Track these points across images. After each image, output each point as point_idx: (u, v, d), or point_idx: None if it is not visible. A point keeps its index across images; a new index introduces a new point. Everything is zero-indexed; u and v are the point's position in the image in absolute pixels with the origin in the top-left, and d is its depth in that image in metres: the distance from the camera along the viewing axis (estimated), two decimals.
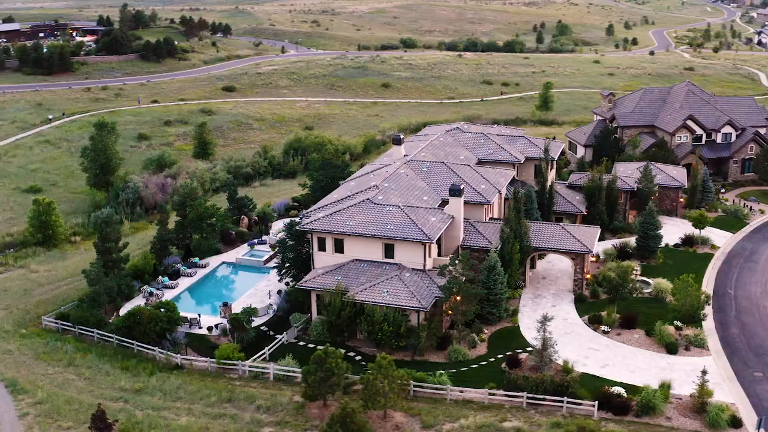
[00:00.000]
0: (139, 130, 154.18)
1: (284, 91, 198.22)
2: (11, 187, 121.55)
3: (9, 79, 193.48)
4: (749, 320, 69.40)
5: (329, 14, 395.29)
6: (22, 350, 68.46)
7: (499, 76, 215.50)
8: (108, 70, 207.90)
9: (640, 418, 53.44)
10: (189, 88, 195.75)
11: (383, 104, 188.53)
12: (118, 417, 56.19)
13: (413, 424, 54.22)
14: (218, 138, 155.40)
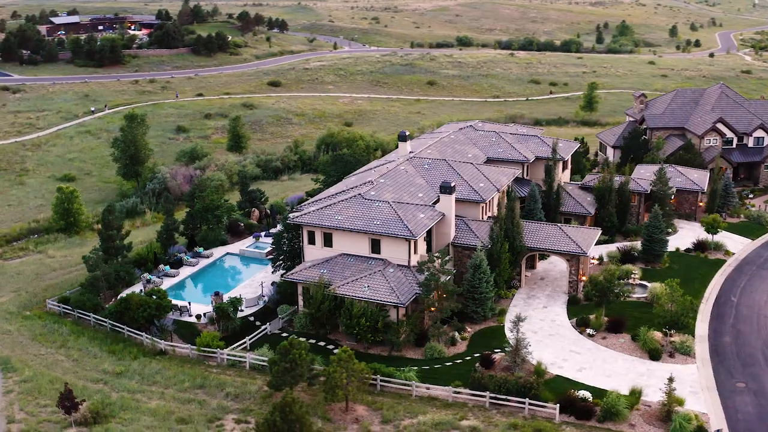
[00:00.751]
0: (178, 123, 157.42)
1: (329, 87, 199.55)
2: (46, 175, 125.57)
3: (61, 71, 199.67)
4: (745, 329, 67.23)
5: (391, 11, 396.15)
6: (21, 331, 70.75)
7: (549, 75, 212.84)
8: (158, 64, 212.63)
9: (602, 424, 52.34)
10: (235, 83, 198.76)
11: (426, 102, 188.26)
12: (95, 398, 57.84)
13: (374, 417, 54.26)
14: (256, 132, 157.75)
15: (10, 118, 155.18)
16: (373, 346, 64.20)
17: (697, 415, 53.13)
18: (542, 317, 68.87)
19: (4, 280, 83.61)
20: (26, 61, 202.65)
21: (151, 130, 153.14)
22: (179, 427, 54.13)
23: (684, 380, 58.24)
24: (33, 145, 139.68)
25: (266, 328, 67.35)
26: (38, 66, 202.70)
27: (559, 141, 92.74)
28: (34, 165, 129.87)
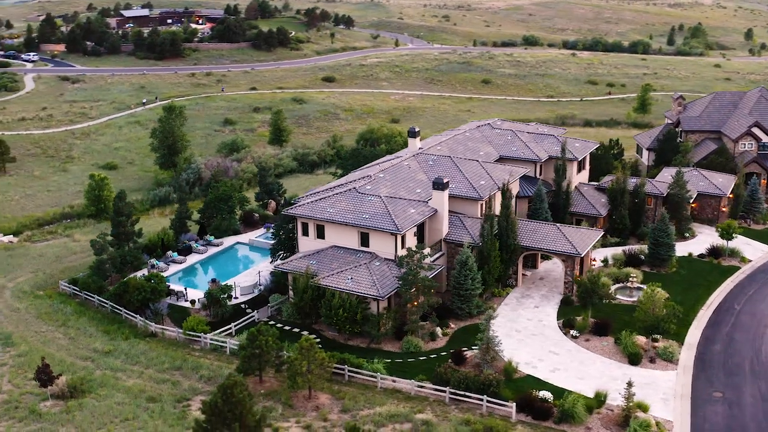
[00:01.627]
0: (227, 115, 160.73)
1: (383, 83, 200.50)
2: (90, 163, 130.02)
3: (122, 62, 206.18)
4: (740, 337, 65.23)
5: (463, 9, 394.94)
6: (28, 309, 73.88)
7: (608, 76, 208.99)
8: (218, 57, 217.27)
9: (558, 425, 51.75)
10: (290, 77, 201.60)
11: (479, 100, 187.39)
12: (78, 374, 60.28)
13: (335, 406, 54.90)
14: (301, 126, 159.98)
15: (66, 107, 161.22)
16: (353, 337, 64.79)
17: (660, 423, 52.08)
18: (531, 317, 68.26)
19: (26, 261, 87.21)
20: (90, 53, 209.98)
21: (199, 122, 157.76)
22: (148, 405, 55.91)
23: (659, 386, 57.11)
24: (82, 133, 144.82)
25: (254, 316, 68.64)
26: (101, 57, 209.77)
27: (576, 141, 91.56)
28: (80, 153, 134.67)
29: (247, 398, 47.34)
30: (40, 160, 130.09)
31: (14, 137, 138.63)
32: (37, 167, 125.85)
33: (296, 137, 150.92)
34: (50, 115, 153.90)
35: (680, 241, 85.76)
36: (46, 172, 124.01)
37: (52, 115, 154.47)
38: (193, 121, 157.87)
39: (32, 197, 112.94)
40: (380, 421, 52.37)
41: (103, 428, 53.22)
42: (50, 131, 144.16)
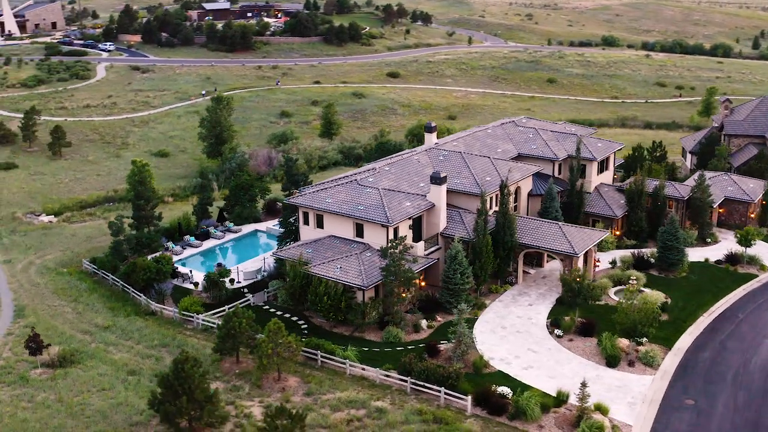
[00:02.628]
0: (284, 108, 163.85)
1: (447, 80, 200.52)
2: (144, 150, 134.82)
3: (194, 53, 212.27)
4: (734, 346, 63.40)
5: (549, 8, 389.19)
6: (47, 284, 77.83)
7: (678, 79, 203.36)
8: (288, 51, 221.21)
9: (511, 421, 51.65)
10: (356, 72, 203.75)
11: (540, 99, 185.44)
12: (72, 345, 63.52)
13: (300, 389, 56.24)
14: (357, 120, 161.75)
15: (131, 95, 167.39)
16: (338, 324, 65.95)
17: (617, 426, 51.46)
18: (521, 314, 67.94)
19: (59, 240, 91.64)
20: (164, 44, 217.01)
21: (256, 113, 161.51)
22: (127, 378, 58.56)
23: (630, 390, 56.25)
24: (141, 121, 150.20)
25: (250, 300, 70.59)
26: (174, 48, 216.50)
27: (599, 141, 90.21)
28: (136, 140, 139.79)
29: (197, 374, 49.22)
30: (96, 145, 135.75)
31: (75, 123, 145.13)
32: (92, 152, 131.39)
33: (350, 131, 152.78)
34: (114, 103, 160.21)
35: (701, 246, 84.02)
36: (99, 157, 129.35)
37: (116, 103, 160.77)
38: (251, 112, 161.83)
39: (81, 181, 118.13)
40: (337, 406, 53.42)
41: (79, 396, 56.01)
42: (111, 118, 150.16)
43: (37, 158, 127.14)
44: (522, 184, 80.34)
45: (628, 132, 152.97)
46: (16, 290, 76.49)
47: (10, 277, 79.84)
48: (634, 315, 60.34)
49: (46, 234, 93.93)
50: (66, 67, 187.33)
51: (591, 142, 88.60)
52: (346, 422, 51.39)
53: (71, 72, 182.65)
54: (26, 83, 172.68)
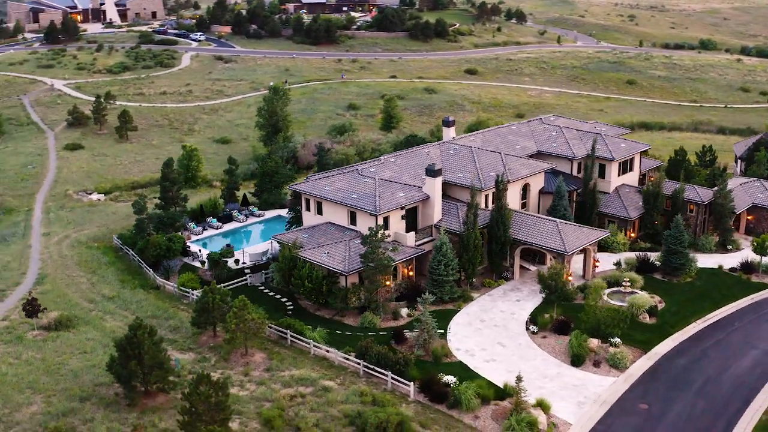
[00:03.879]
0: (353, 101, 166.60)
1: (525, 78, 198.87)
2: (207, 137, 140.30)
3: (278, 45, 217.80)
4: (716, 355, 61.63)
5: (655, 10, 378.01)
6: (73, 257, 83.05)
7: (766, 85, 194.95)
8: (371, 46, 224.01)
9: (449, 410, 52.37)
10: (435, 68, 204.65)
11: (616, 100, 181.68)
12: (72, 311, 67.98)
13: (262, 365, 58.56)
14: (423, 115, 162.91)
15: (207, 84, 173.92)
16: (322, 308, 67.93)
17: (554, 423, 51.39)
18: (505, 309, 68.02)
19: (99, 217, 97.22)
20: (252, 35, 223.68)
21: (324, 105, 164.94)
22: (108, 343, 61.97)
23: (585, 390, 55.90)
24: (211, 109, 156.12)
25: (247, 280, 73.47)
26: (261, 40, 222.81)
27: (623, 142, 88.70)
28: (202, 127, 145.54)
29: (148, 341, 52.18)
30: (163, 131, 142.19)
31: (148, 109, 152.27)
32: (157, 137, 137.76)
33: (414, 125, 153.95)
34: (189, 91, 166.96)
35: (720, 253, 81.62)
36: (163, 141, 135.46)
37: (191, 90, 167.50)
38: (320, 104, 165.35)
39: (140, 163, 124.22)
40: (288, 382, 55.50)
41: (61, 357, 60.13)
42: (183, 105, 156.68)
43: (104, 140, 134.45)
44: (531, 181, 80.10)
45: (697, 136, 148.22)
46: (45, 260, 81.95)
47: (44, 249, 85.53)
48: (599, 315, 59.62)
49: (90, 211, 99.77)
50: (153, 55, 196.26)
51: (614, 142, 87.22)
52: (289, 397, 53.37)
53: (156, 60, 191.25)
54: (112, 69, 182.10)
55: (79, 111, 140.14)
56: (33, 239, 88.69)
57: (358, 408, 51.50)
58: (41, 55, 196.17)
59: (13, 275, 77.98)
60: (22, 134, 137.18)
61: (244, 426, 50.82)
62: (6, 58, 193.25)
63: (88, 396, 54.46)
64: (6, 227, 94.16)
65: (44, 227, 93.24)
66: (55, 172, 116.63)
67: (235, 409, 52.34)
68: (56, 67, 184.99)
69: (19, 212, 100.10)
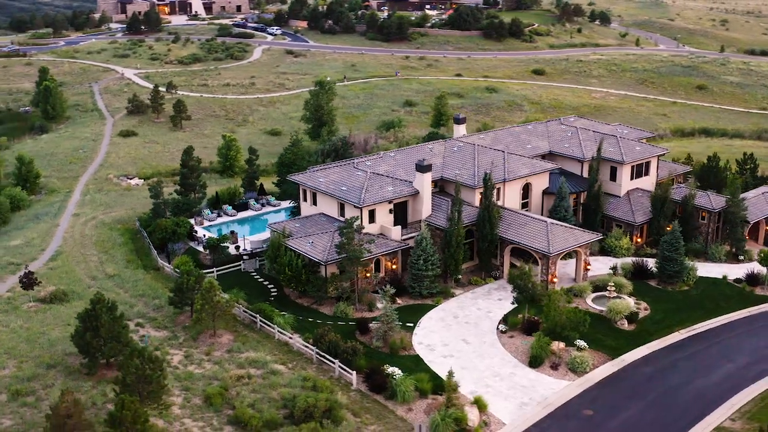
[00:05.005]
0: (411, 98, 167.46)
1: (592, 80, 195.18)
2: (259, 128, 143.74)
3: (351, 41, 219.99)
4: (687, 366, 60.02)
5: (752, 15, 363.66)
6: (92, 236, 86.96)
7: None
8: (442, 44, 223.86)
9: (386, 400, 53.19)
10: (502, 67, 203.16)
11: (682, 105, 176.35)
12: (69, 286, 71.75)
13: (226, 345, 60.53)
14: (479, 114, 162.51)
15: (272, 77, 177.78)
16: (303, 296, 69.44)
17: (486, 421, 51.51)
18: (483, 307, 67.95)
19: (131, 200, 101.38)
20: (326, 30, 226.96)
21: (381, 101, 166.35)
22: None
23: (532, 391, 55.68)
24: (269, 102, 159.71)
25: (240, 265, 75.79)
26: (335, 35, 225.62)
27: (637, 145, 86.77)
28: (257, 118, 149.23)
29: (106, 315, 54.88)
30: (219, 121, 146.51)
31: (208, 99, 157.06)
32: (210, 127, 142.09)
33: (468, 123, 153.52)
34: (252, 84, 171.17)
35: (730, 263, 79.18)
36: (215, 131, 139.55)
37: (254, 83, 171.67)
38: (377, 99, 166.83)
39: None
40: (242, 364, 57.36)
41: (45, 327, 63.62)
42: (242, 97, 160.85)
43: (159, 129, 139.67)
44: (534, 181, 79.48)
45: (759, 145, 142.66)
46: (66, 239, 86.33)
47: (69, 228, 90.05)
48: (556, 318, 58.97)
49: (124, 195, 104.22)
50: (225, 47, 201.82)
51: (629, 145, 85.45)
52: (236, 378, 55.15)
53: (228, 53, 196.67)
54: (183, 61, 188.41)
55: (138, 99, 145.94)
56: (63, 219, 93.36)
57: (296, 392, 52.79)
58: (120, 45, 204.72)
59: (33, 251, 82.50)
60: (84, 120, 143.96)
61: (187, 401, 52.95)
62: (87, 47, 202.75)
63: (56, 364, 57.61)
64: (42, 207, 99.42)
65: (77, 208, 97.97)
66: (104, 157, 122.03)
67: (185, 385, 55.06)
68: (131, 56, 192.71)
69: (60, 193, 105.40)
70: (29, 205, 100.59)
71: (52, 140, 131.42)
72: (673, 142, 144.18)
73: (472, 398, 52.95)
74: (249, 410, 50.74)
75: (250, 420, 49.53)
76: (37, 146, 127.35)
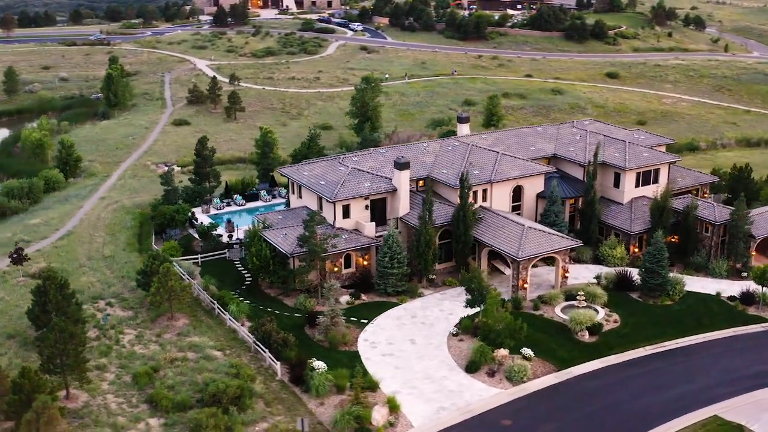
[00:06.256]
0: (471, 97, 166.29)
1: (666, 86, 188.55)
2: (312, 122, 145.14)
3: (428, 39, 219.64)
4: (639, 384, 57.16)
5: None
6: (106, 219, 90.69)
7: None
8: (520, 44, 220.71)
9: (303, 393, 54.10)
10: (575, 69, 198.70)
11: (756, 114, 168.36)
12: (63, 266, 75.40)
13: (178, 329, 62.50)
14: (538, 116, 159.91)
15: (339, 73, 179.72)
16: (272, 286, 70.61)
17: (391, 422, 51.20)
18: (446, 309, 67.23)
19: (159, 187, 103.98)
20: (406, 28, 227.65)
21: (441, 99, 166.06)
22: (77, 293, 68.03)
23: (460, 397, 54.84)
24: (329, 96, 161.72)
25: (225, 254, 77.73)
26: (414, 33, 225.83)
27: (645, 151, 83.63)
28: (312, 112, 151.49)
29: (54, 291, 57.55)
30: (274, 113, 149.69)
31: (268, 92, 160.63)
32: (263, 119, 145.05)
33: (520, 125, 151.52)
34: (317, 78, 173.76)
35: (731, 279, 75.14)
36: (267, 123, 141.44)
37: (319, 78, 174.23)
38: (437, 98, 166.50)
39: (234, 142, 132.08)
40: (183, 347, 59.19)
41: (21, 300, 66.82)
42: (304, 91, 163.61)
43: (213, 119, 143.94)
44: (526, 183, 77.94)
45: None
46: (82, 220, 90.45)
47: (90, 210, 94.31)
48: (491, 324, 57.72)
49: (154, 181, 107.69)
50: (301, 42, 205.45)
51: (636, 151, 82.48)
52: (170, 360, 56.94)
53: (303, 47, 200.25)
54: (256, 54, 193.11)
55: (198, 90, 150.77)
56: (89, 202, 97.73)
57: (217, 376, 54.08)
58: (201, 36, 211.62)
59: (47, 230, 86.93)
60: (147, 108, 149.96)
61: (118, 378, 55.41)
62: (170, 37, 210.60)
63: (16, 335, 61.04)
64: (76, 189, 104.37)
65: (107, 192, 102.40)
66: (150, 145, 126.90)
67: (123, 363, 57.54)
68: (209, 48, 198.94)
69: (97, 177, 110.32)
70: (65, 187, 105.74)
71: (109, 126, 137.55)
72: (734, 152, 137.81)
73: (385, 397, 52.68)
74: (164, 391, 52.35)
75: (162, 401, 51.10)
76: (93, 131, 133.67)
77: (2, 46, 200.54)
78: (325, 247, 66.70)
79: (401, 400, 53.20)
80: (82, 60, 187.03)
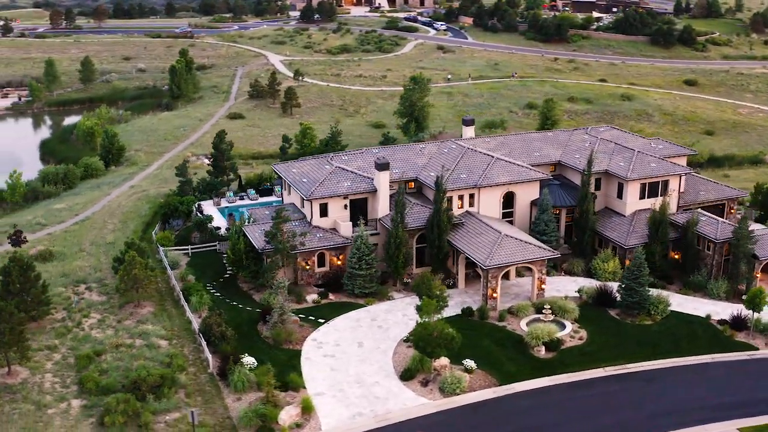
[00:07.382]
0: (535, 100, 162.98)
1: (747, 95, 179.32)
2: (367, 120, 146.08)
3: (508, 40, 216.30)
4: (581, 406, 54.89)
5: None
6: (126, 207, 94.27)
7: None
8: (602, 47, 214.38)
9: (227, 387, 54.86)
10: (652, 75, 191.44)
11: None
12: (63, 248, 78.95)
13: (140, 316, 64.72)
14: (601, 122, 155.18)
15: (407, 71, 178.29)
16: (248, 281, 71.62)
17: (298, 423, 51.19)
18: (408, 314, 65.78)
19: None
20: (488, 28, 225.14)
21: (504, 101, 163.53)
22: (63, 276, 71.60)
23: (382, 404, 54.14)
24: (389, 95, 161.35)
25: (216, 246, 79.41)
26: (495, 34, 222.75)
27: (653, 162, 79.96)
28: (369, 110, 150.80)
29: (16, 272, 60.43)
30: (332, 109, 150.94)
31: (331, 89, 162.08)
32: (318, 115, 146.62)
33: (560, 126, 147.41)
34: (384, 77, 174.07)
35: (730, 302, 70.87)
36: (321, 119, 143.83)
37: (386, 76, 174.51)
38: (501, 100, 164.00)
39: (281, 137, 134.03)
40: (134, 333, 61.75)
41: None
42: (366, 89, 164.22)
43: (269, 113, 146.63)
44: (518, 190, 76.05)
45: None
46: (105, 207, 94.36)
47: (116, 198, 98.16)
48: (421, 333, 56.42)
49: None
50: (378, 40, 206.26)
51: (643, 160, 78.99)
52: (116, 345, 58.90)
53: (379, 45, 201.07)
54: (331, 51, 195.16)
55: (259, 84, 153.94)
56: (118, 189, 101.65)
57: (151, 364, 55.59)
58: (283, 32, 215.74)
59: (66, 215, 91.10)
60: (210, 101, 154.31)
61: (64, 359, 57.77)
62: (253, 32, 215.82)
63: None
64: (112, 177, 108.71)
65: (139, 181, 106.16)
66: (199, 136, 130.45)
67: (74, 345, 59.76)
68: (287, 44, 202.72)
69: (137, 166, 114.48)
70: (103, 175, 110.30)
71: (167, 117, 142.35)
72: None
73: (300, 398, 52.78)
74: (94, 374, 54.22)
75: (88, 383, 52.99)
76: (150, 122, 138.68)
77: (91, 36, 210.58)
78: (293, 245, 67.12)
79: (322, 403, 53.21)
80: (163, 52, 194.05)
